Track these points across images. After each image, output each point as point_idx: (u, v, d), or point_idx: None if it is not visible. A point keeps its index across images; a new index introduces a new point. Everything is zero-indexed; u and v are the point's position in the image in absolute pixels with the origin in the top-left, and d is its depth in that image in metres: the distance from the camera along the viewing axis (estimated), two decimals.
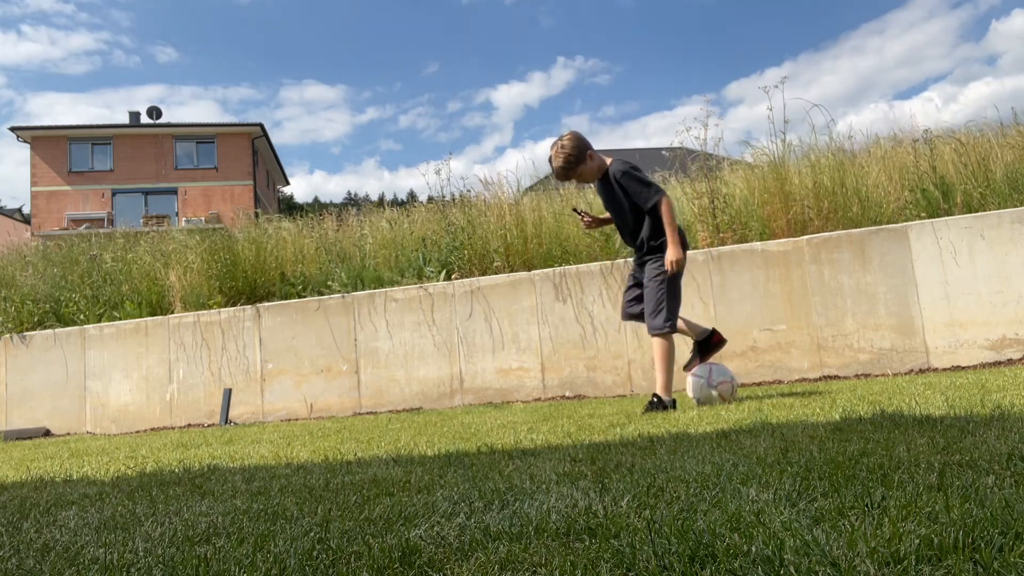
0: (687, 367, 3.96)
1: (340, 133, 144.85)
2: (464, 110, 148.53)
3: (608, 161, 3.88)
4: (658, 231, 3.77)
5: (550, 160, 3.84)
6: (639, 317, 3.92)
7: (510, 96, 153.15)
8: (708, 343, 4.00)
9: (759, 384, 5.27)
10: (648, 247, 3.83)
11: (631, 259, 5.79)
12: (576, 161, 3.77)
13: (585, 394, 5.76)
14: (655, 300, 3.74)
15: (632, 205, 3.80)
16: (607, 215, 4.08)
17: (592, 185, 4.13)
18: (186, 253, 7.88)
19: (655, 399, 3.67)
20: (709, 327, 4.08)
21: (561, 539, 1.21)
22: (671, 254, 3.69)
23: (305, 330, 6.62)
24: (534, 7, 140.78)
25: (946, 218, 5.20)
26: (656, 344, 3.75)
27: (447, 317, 6.24)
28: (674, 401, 3.72)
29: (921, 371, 4.99)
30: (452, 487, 1.80)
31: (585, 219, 4.06)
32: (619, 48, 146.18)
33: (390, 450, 2.87)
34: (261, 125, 34.97)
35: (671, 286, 3.76)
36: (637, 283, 3.95)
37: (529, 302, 6.03)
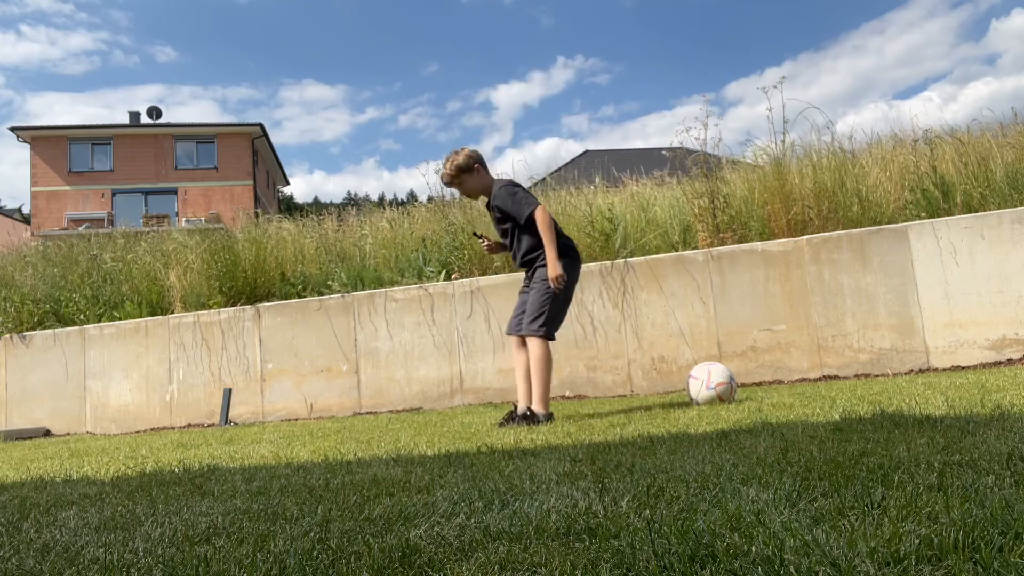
0: (501, 425, 3.58)
1: (340, 133, 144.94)
2: (464, 110, 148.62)
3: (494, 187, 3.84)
4: (539, 245, 3.67)
5: (443, 163, 3.87)
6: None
7: (510, 96, 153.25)
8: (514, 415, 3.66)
9: (759, 384, 5.28)
10: (535, 263, 3.73)
11: (629, 259, 5.82)
12: (460, 169, 3.78)
13: (585, 394, 5.76)
14: (538, 304, 3.63)
15: (513, 225, 3.73)
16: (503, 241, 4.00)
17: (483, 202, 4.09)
18: (186, 253, 7.88)
19: (528, 412, 3.53)
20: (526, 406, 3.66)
21: (561, 539, 1.21)
22: (550, 270, 3.55)
23: (305, 330, 6.62)
24: (534, 7, 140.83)
25: (946, 218, 5.20)
26: (532, 348, 3.61)
27: (447, 317, 6.25)
28: (550, 415, 3.57)
29: (921, 371, 4.99)
30: (452, 487, 1.80)
31: (485, 243, 3.98)
32: (619, 48, 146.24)
33: (390, 450, 2.87)
34: (261, 125, 34.97)
35: (560, 296, 3.63)
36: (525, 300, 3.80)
37: None
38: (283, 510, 1.69)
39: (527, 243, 3.74)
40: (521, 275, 6.11)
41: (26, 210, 41.35)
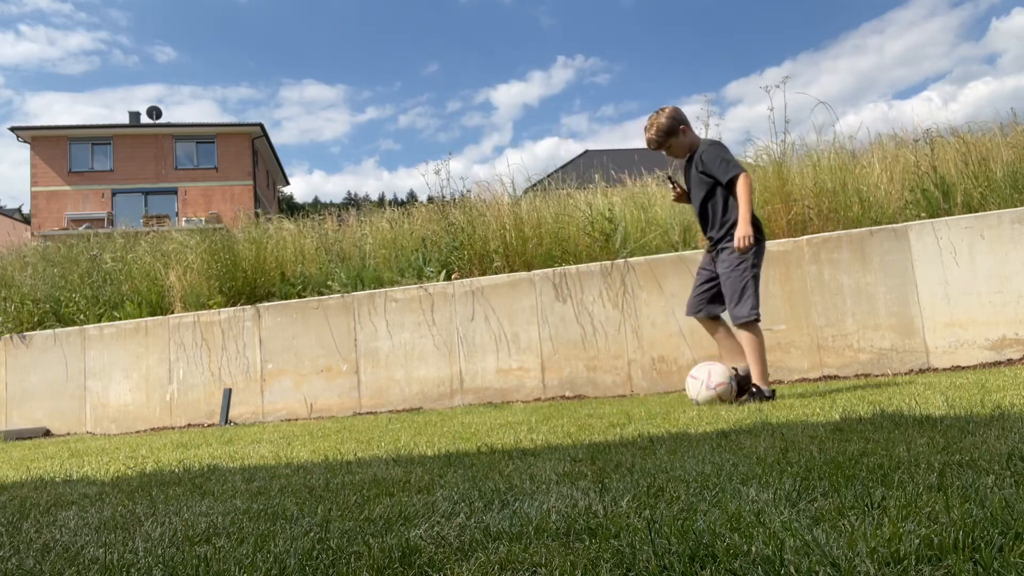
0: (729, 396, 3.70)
1: (339, 133, 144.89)
2: (464, 110, 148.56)
3: (699, 142, 3.88)
4: (732, 210, 3.69)
5: (645, 129, 3.86)
6: (711, 311, 3.81)
7: (509, 96, 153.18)
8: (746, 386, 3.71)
9: None
10: (722, 230, 3.73)
11: (629, 259, 5.81)
12: (667, 132, 3.79)
13: (585, 394, 5.76)
14: (739, 287, 3.63)
15: (708, 189, 3.73)
16: None
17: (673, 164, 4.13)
18: (186, 253, 7.88)
19: (755, 388, 3.61)
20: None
21: (561, 539, 1.21)
22: (739, 229, 3.59)
23: (305, 330, 6.62)
24: (534, 6, 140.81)
25: (946, 218, 5.20)
26: (744, 336, 3.66)
27: (447, 317, 6.24)
28: (773, 392, 3.63)
29: (921, 371, 4.99)
30: (452, 487, 1.80)
31: (676, 190, 3.99)
32: (619, 47, 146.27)
33: (390, 450, 2.87)
34: (261, 125, 34.98)
35: (753, 272, 3.65)
36: (710, 278, 3.83)
37: (529, 302, 6.03)
38: (283, 510, 1.69)
39: (721, 209, 3.74)
40: (520, 279, 6.13)
41: (26, 210, 41.34)
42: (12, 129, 33.24)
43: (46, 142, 33.54)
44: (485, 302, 6.16)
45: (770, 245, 5.52)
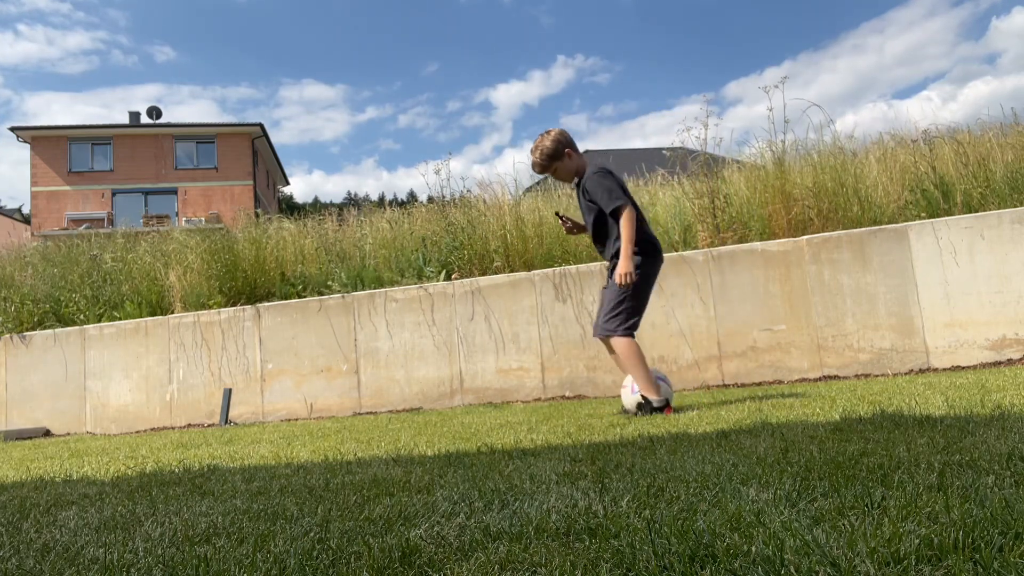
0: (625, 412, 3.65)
1: (339, 133, 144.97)
2: (463, 109, 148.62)
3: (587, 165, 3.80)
4: (620, 239, 3.61)
5: (530, 152, 3.79)
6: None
7: (509, 95, 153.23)
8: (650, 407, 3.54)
9: (759, 384, 5.28)
10: (612, 254, 3.68)
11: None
12: (551, 156, 3.71)
13: (585, 394, 5.76)
14: (613, 302, 3.59)
15: (600, 211, 3.66)
16: None
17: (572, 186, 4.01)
18: (186, 253, 7.88)
19: (642, 398, 3.52)
20: (665, 398, 3.57)
21: (561, 539, 1.21)
22: (621, 267, 3.50)
23: (305, 330, 6.62)
24: (534, 5, 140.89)
25: (946, 218, 5.19)
26: (616, 347, 3.59)
27: (447, 317, 6.24)
28: (666, 401, 3.51)
29: (921, 371, 4.99)
30: (452, 487, 1.80)
31: (566, 224, 3.94)
32: (619, 47, 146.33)
33: (390, 450, 2.87)
34: (261, 125, 34.99)
35: (635, 291, 3.58)
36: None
37: (529, 302, 6.03)
38: (283, 510, 1.69)
39: (613, 235, 3.69)
40: (520, 279, 6.13)
41: (26, 210, 41.34)
42: (12, 129, 33.25)
43: (46, 142, 33.54)
44: (485, 302, 6.16)
45: (770, 245, 5.53)
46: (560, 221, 4.00)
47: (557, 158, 3.72)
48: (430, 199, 8.48)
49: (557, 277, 5.99)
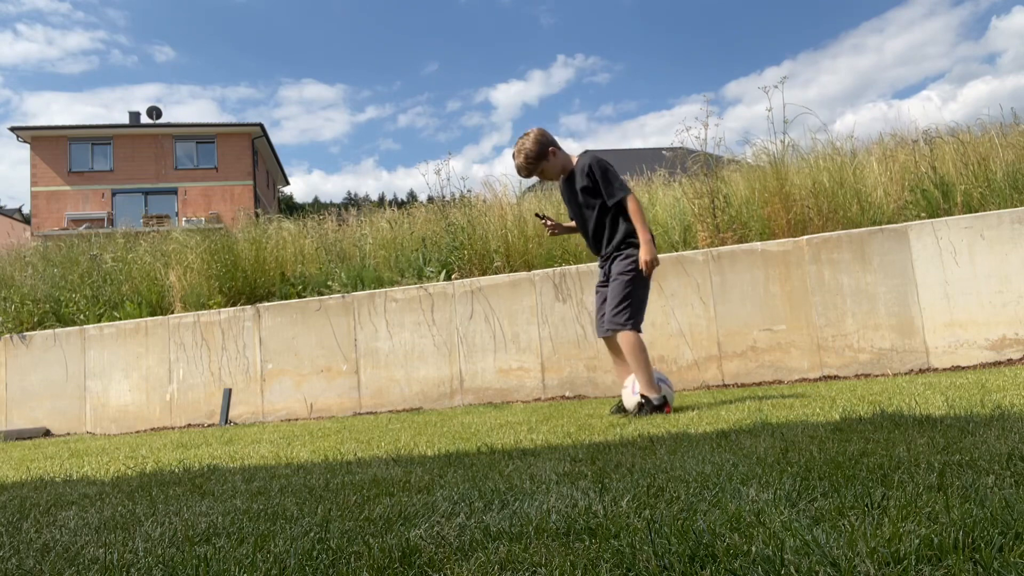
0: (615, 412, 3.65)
1: (339, 132, 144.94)
2: (463, 109, 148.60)
3: (574, 160, 3.72)
4: (623, 232, 3.58)
5: (513, 156, 3.71)
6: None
7: (509, 95, 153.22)
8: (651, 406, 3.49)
9: (759, 384, 5.28)
10: (613, 248, 3.62)
11: None
12: (537, 157, 3.63)
13: (585, 394, 5.76)
14: (619, 295, 3.52)
15: (600, 204, 3.59)
16: (572, 223, 3.88)
17: (558, 185, 3.93)
18: (186, 253, 7.88)
19: (643, 398, 3.48)
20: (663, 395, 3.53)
21: (561, 539, 1.21)
22: (644, 253, 3.46)
23: (305, 330, 6.62)
24: (534, 5, 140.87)
25: (946, 218, 5.19)
26: (623, 341, 3.51)
27: (447, 317, 6.24)
28: (664, 400, 3.48)
29: (921, 371, 4.99)
30: (452, 487, 1.80)
31: (548, 224, 3.84)
32: (619, 46, 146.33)
33: (390, 450, 2.87)
34: (261, 125, 34.98)
35: (640, 284, 3.53)
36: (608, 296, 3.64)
37: (529, 302, 6.03)
38: (283, 510, 1.69)
39: (610, 230, 3.61)
40: (520, 279, 6.13)
41: (26, 210, 41.31)
42: (12, 129, 33.24)
43: (46, 142, 33.54)
44: (485, 302, 6.16)
45: (770, 245, 5.53)
46: (542, 222, 3.89)
47: (542, 158, 3.66)
48: (430, 199, 8.49)
49: (557, 277, 5.99)
